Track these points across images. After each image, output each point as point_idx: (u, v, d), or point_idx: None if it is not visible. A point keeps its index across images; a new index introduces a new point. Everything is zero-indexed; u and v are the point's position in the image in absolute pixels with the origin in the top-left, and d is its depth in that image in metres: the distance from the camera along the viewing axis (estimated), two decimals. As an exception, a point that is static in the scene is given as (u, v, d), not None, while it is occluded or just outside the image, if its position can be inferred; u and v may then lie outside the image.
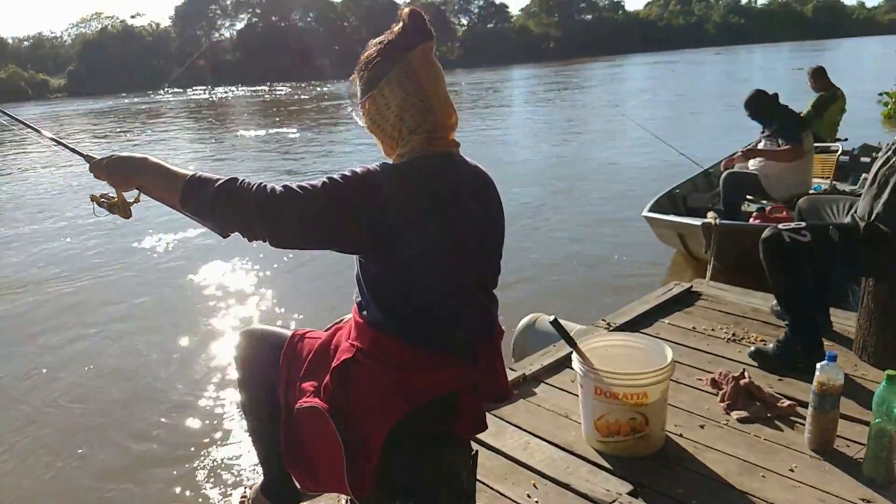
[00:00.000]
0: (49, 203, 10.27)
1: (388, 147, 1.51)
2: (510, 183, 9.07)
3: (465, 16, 74.56)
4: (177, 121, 24.46)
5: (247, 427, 1.88)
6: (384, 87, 1.45)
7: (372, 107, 1.48)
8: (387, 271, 1.44)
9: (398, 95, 1.45)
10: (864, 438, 2.03)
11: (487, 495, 2.02)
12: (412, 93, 1.45)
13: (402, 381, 1.44)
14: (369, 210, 1.36)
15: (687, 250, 5.08)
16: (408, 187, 1.40)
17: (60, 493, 3.25)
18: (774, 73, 22.09)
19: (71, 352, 4.79)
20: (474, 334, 1.56)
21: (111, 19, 63.05)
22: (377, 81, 1.45)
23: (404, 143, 1.46)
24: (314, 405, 1.46)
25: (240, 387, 1.77)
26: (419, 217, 1.40)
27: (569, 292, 5.36)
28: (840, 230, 2.58)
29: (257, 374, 1.70)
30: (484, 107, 22.16)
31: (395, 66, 1.44)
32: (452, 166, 1.50)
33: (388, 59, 1.45)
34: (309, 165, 12.20)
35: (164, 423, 3.75)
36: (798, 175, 5.08)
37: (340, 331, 1.62)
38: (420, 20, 1.46)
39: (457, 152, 1.52)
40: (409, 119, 1.45)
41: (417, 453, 1.52)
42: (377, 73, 1.45)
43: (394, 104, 1.45)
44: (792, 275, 2.61)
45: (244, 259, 6.36)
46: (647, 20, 78.97)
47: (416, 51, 1.45)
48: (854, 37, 64.30)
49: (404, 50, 1.44)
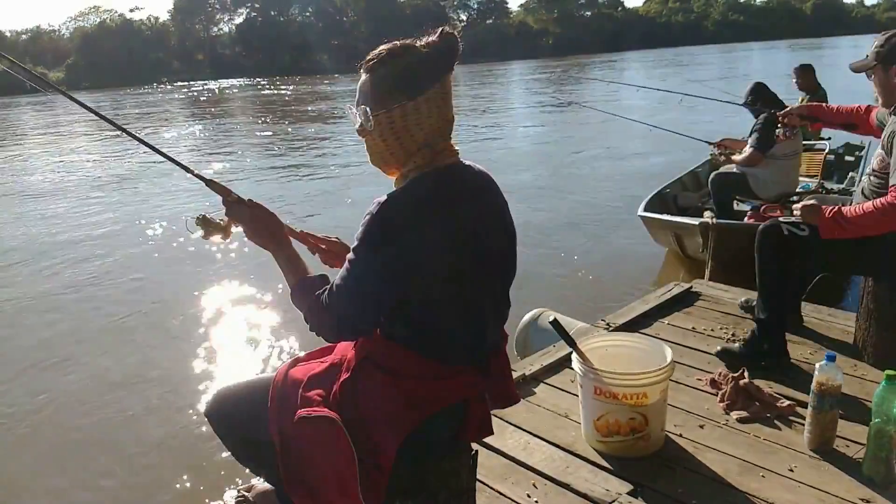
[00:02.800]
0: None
1: (391, 158, 1.44)
2: (508, 183, 9.06)
3: (465, 11, 74.46)
4: (176, 114, 24.37)
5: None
6: (422, 102, 1.38)
7: (399, 118, 1.39)
8: (406, 289, 1.41)
9: (433, 115, 1.40)
10: (863, 438, 2.04)
11: (487, 495, 2.02)
12: (442, 115, 1.42)
13: (415, 392, 1.43)
14: (401, 266, 1.36)
15: (682, 250, 5.09)
16: (419, 209, 1.37)
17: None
18: (773, 71, 22.05)
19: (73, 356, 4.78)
20: (488, 344, 1.55)
21: (110, 13, 62.89)
22: (416, 95, 1.38)
23: (415, 157, 1.42)
24: (324, 414, 1.43)
25: (228, 448, 1.73)
26: (438, 240, 1.38)
27: (564, 291, 5.36)
28: None
29: (240, 436, 1.65)
30: (481, 103, 22.12)
31: (436, 84, 1.39)
32: (460, 177, 1.47)
33: (432, 76, 1.39)
34: (311, 160, 12.20)
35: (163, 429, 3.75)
36: (785, 174, 5.10)
37: (343, 344, 1.60)
38: (456, 42, 1.42)
39: (461, 160, 1.49)
40: (433, 137, 1.42)
41: (420, 458, 1.52)
42: (420, 85, 1.38)
43: (426, 123, 1.40)
44: (781, 269, 2.62)
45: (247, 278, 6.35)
46: (647, 17, 78.84)
47: (451, 74, 1.42)
48: (853, 35, 64.22)
49: (446, 71, 1.41)
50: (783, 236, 2.58)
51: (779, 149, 4.98)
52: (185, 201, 9.08)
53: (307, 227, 1.88)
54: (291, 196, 9.40)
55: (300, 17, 67.34)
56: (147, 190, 10.38)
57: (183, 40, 62.08)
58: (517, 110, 20.20)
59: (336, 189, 9.76)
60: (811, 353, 2.78)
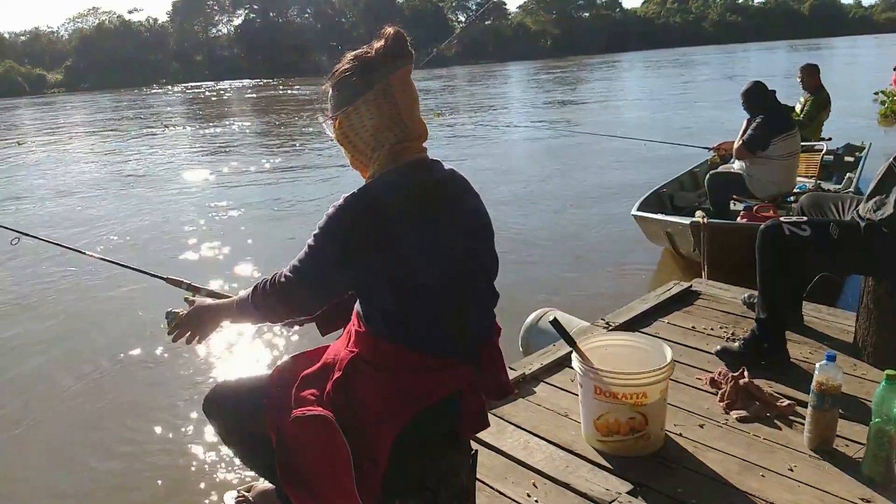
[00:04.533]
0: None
1: (357, 161, 1.53)
2: (507, 183, 9.07)
3: (463, 13, 74.48)
4: (175, 116, 24.38)
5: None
6: (360, 105, 1.46)
7: (345, 122, 1.49)
8: (384, 282, 1.44)
9: (374, 116, 1.46)
10: (863, 438, 2.04)
11: (487, 495, 2.02)
12: (388, 115, 1.46)
13: (406, 385, 1.44)
14: (359, 253, 1.41)
15: (675, 249, 5.10)
16: (387, 208, 1.42)
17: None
18: (772, 71, 22.12)
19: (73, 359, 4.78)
20: (475, 335, 1.56)
21: (108, 14, 62.89)
22: (353, 99, 1.46)
23: (375, 158, 1.48)
24: (318, 413, 1.43)
25: (227, 446, 1.74)
26: (408, 230, 1.41)
27: (562, 289, 5.35)
28: (841, 227, 2.57)
29: (240, 432, 1.65)
30: (479, 104, 22.16)
31: (374, 87, 1.44)
32: (427, 172, 1.50)
33: (367, 80, 1.45)
34: (307, 161, 12.20)
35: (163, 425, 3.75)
36: (782, 175, 5.11)
37: (336, 343, 1.61)
38: (402, 43, 1.46)
39: (427, 157, 1.53)
40: (384, 137, 1.47)
41: (418, 453, 1.52)
42: (354, 91, 1.46)
43: (369, 124, 1.47)
44: (782, 269, 2.62)
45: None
46: (645, 18, 79.00)
47: (398, 74, 1.46)
48: (850, 35, 64.36)
49: (385, 73, 1.45)
50: (784, 236, 2.57)
51: (775, 150, 4.99)
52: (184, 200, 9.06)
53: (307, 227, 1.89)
54: (291, 196, 9.40)
55: (299, 19, 67.41)
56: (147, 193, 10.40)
57: (181, 42, 62.10)
58: (517, 110, 20.20)
59: (336, 189, 9.76)
60: (811, 352, 2.77)
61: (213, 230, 7.81)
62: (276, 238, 7.35)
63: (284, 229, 7.71)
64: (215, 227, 7.93)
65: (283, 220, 8.25)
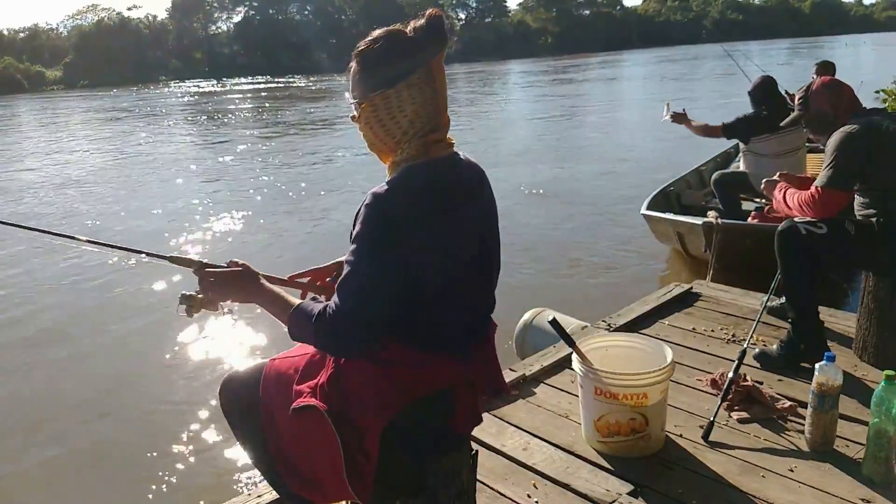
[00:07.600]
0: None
1: (382, 144, 1.45)
2: (507, 182, 9.06)
3: (463, 10, 74.39)
4: (174, 113, 24.33)
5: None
6: (402, 89, 1.38)
7: (381, 105, 1.40)
8: (409, 284, 1.40)
9: (416, 101, 1.39)
10: (863, 438, 2.04)
11: (487, 495, 2.02)
12: (429, 100, 1.40)
13: (397, 378, 1.43)
14: (405, 263, 1.36)
15: (684, 249, 5.08)
16: (416, 202, 1.37)
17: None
18: (771, 71, 22.12)
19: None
20: (468, 332, 1.55)
21: (108, 11, 62.68)
22: (396, 81, 1.38)
23: (405, 146, 1.42)
24: (310, 404, 1.44)
25: (237, 440, 1.70)
26: (424, 223, 1.39)
27: (563, 289, 5.36)
28: (856, 224, 2.58)
29: (248, 421, 1.63)
30: (480, 101, 22.13)
31: (418, 70, 1.38)
32: (454, 170, 1.48)
33: (410, 62, 1.38)
34: (307, 160, 12.18)
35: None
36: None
37: None
38: (442, 24, 1.41)
39: (455, 152, 1.49)
40: (420, 124, 1.41)
41: (417, 453, 1.52)
42: (397, 72, 1.38)
43: (409, 109, 1.39)
44: (806, 269, 2.62)
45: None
46: (645, 16, 78.92)
47: (437, 58, 1.41)
48: (851, 33, 64.28)
49: (427, 56, 1.39)
50: (802, 236, 2.58)
51: (769, 147, 4.96)
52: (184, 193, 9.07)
53: (310, 226, 1.87)
54: (289, 195, 9.40)
55: (298, 16, 67.28)
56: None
57: (181, 39, 61.93)
58: (517, 110, 20.18)
59: (337, 187, 9.76)
60: (811, 353, 2.77)
61: (212, 223, 7.87)
62: (277, 231, 7.36)
63: (288, 222, 7.77)
64: (214, 221, 7.97)
65: (292, 214, 8.27)
